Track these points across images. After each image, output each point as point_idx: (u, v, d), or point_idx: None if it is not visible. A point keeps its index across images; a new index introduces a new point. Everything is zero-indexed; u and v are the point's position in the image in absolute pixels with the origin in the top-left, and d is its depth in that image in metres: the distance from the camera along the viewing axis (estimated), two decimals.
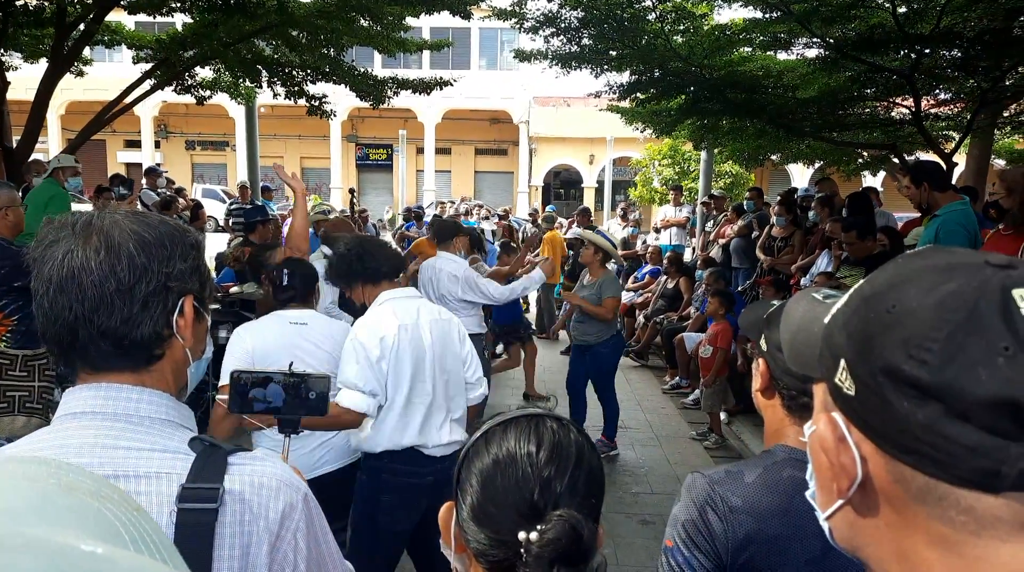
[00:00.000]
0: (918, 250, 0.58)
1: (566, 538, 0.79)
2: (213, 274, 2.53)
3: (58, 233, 0.98)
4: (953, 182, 6.74)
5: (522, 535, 0.81)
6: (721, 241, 8.95)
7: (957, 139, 8.16)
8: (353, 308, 2.83)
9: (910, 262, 0.56)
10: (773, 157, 11.62)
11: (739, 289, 7.83)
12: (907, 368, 0.50)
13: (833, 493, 0.59)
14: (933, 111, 8.74)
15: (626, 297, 10.09)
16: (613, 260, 5.86)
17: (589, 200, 27.14)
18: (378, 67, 12.23)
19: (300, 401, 1.63)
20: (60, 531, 0.31)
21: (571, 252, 9.91)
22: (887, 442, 0.53)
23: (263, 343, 2.69)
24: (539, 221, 11.53)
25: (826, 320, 0.61)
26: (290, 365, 2.72)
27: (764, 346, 1.26)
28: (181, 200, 9.26)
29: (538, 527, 0.81)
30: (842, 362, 0.56)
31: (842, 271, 5.09)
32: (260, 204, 9.09)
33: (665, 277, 8.90)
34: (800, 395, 1.23)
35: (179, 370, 1.07)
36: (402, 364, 2.60)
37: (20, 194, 3.89)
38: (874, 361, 0.52)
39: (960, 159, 8.50)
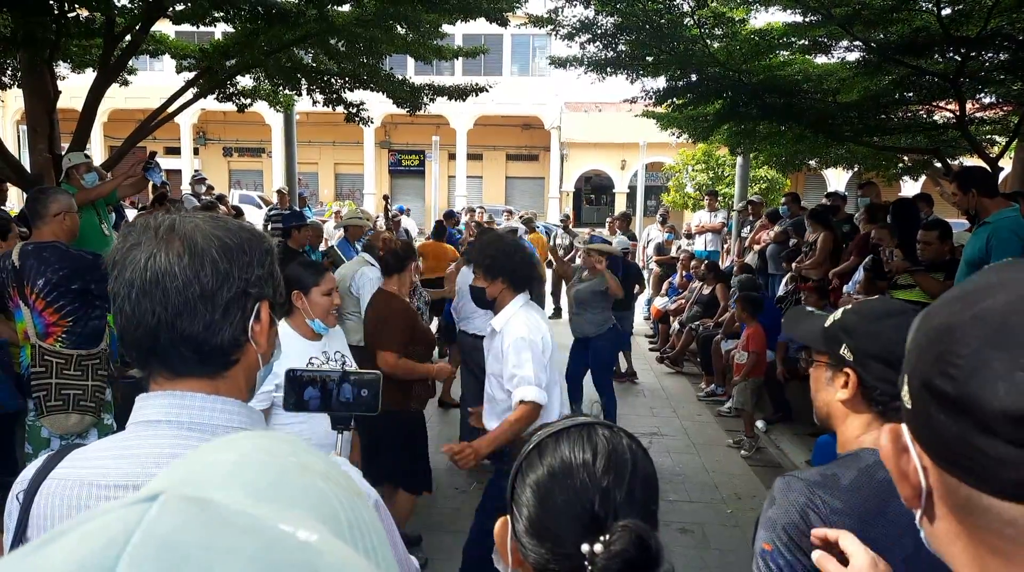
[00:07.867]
0: (991, 266, 0.58)
1: (633, 549, 0.78)
2: None
3: (140, 236, 0.97)
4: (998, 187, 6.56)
5: (585, 547, 0.80)
6: (757, 247, 8.84)
7: (1003, 143, 7.98)
8: (483, 302, 3.19)
9: (974, 280, 0.56)
10: (811, 162, 11.46)
11: (778, 295, 7.73)
12: (938, 382, 0.51)
13: (906, 502, 0.60)
14: (978, 115, 8.55)
15: (660, 303, 10.04)
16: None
17: (621, 205, 27.05)
18: (411, 73, 12.32)
19: (354, 399, 1.66)
20: (289, 511, 0.33)
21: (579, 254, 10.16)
22: (935, 454, 0.54)
23: None
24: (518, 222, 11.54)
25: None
26: (343, 364, 2.79)
27: (850, 356, 1.28)
28: (222, 207, 9.42)
29: (602, 538, 0.80)
30: (905, 376, 0.57)
31: (910, 277, 4.92)
32: (297, 210, 9.24)
33: (701, 283, 8.82)
34: (894, 399, 1.23)
35: (251, 375, 1.07)
36: (554, 355, 3.08)
37: None
38: (917, 376, 0.54)
39: (1006, 163, 8.30)
